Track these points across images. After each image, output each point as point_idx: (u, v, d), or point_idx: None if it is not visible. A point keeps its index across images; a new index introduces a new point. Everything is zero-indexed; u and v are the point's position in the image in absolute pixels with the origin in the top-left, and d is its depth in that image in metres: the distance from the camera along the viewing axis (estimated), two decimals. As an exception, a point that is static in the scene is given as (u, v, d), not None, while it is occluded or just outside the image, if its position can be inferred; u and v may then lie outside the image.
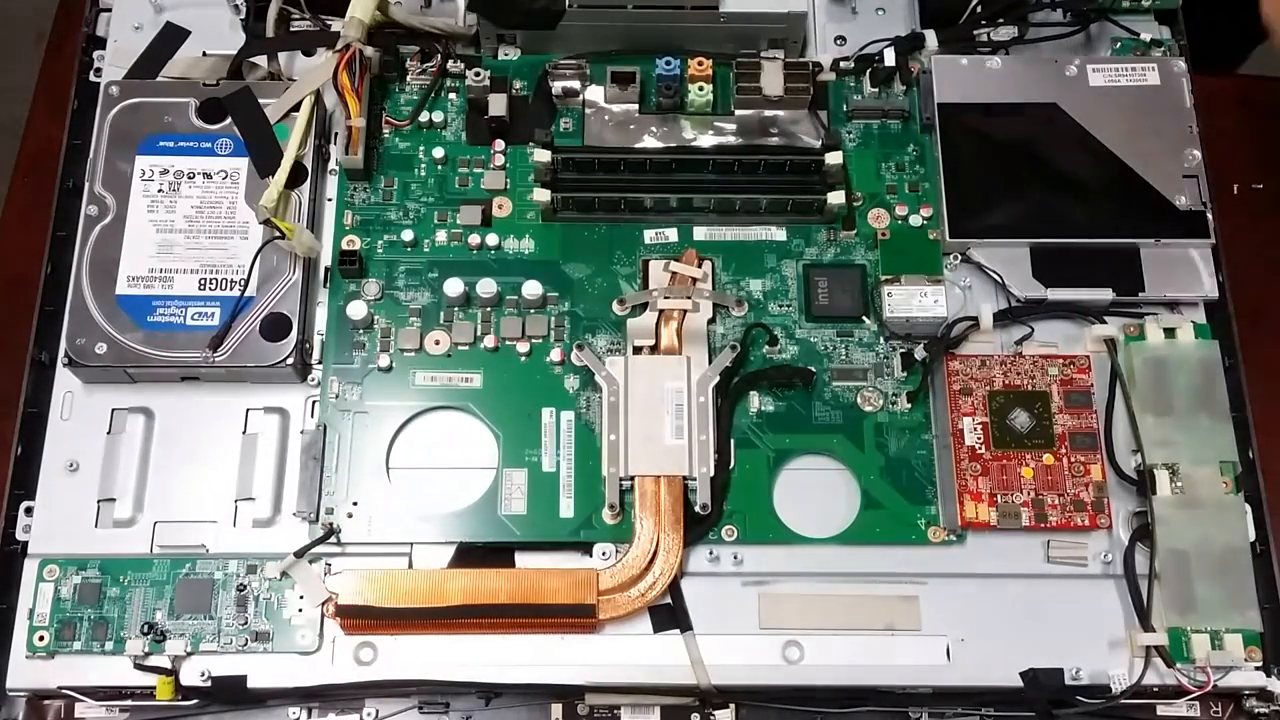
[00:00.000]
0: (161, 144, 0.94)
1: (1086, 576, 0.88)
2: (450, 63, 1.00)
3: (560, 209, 0.95)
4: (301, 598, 0.86)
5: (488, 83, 0.98)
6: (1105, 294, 0.93)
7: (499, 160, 0.98)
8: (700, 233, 0.96)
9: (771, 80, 0.98)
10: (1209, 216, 0.94)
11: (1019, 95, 0.98)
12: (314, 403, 0.91)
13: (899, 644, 0.86)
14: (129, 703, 0.86)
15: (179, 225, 0.92)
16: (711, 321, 0.93)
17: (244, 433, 0.90)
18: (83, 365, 0.89)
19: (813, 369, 0.92)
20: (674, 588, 0.86)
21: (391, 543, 0.87)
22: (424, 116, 0.99)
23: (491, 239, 0.95)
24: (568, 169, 0.95)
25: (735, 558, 0.87)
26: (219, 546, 0.87)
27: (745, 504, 0.88)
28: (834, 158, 0.94)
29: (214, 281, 0.91)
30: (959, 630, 0.86)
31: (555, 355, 0.92)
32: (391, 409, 0.90)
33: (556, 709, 0.85)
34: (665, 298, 0.92)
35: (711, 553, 0.87)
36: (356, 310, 0.91)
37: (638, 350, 0.91)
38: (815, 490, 0.90)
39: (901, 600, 0.87)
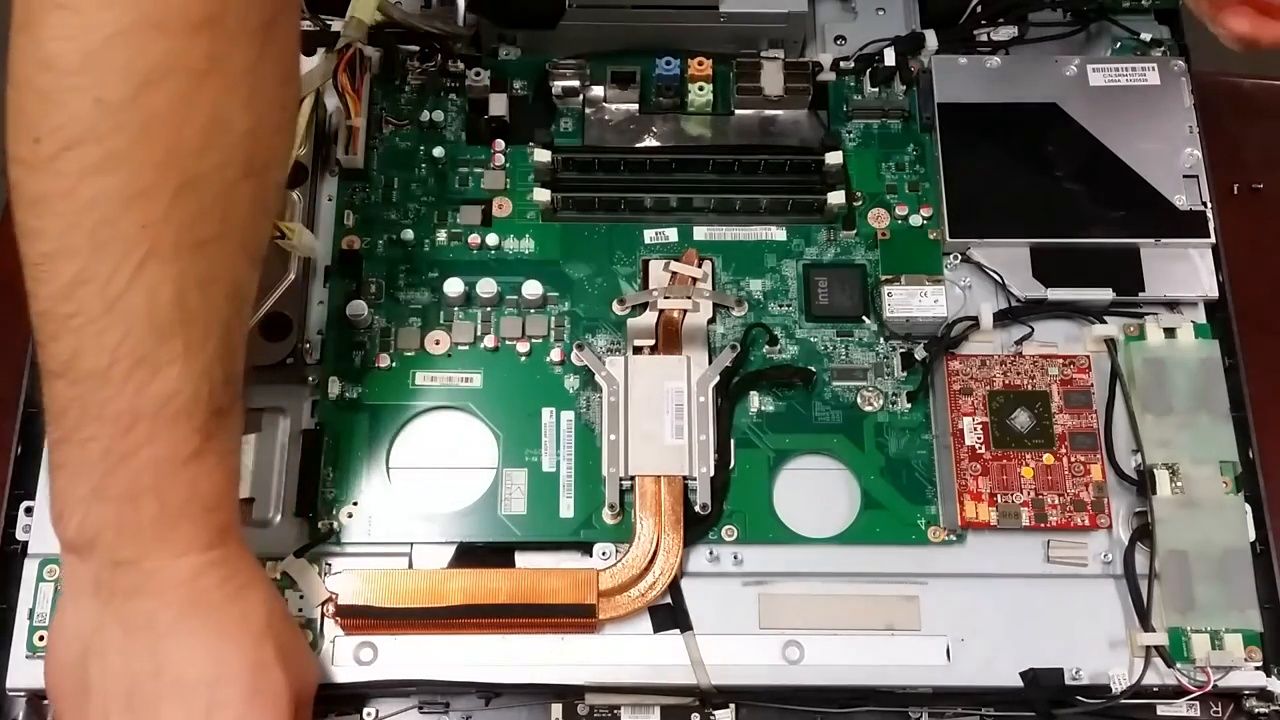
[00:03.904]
0: (161, 144, 0.94)
1: (1086, 576, 0.87)
2: (450, 63, 1.00)
3: (560, 209, 0.95)
4: (301, 597, 0.86)
5: (488, 83, 0.98)
6: (1105, 294, 0.93)
7: (499, 160, 0.98)
8: (700, 232, 0.96)
9: (771, 80, 0.98)
10: (1209, 216, 0.94)
11: (1019, 95, 0.98)
12: (314, 403, 0.91)
13: (899, 644, 0.86)
14: (129, 703, 0.86)
15: (179, 225, 0.92)
16: (711, 321, 0.93)
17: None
18: (83, 365, 0.88)
19: (813, 369, 0.92)
20: (674, 588, 0.86)
21: (391, 543, 0.87)
22: (424, 116, 0.99)
23: (491, 239, 0.95)
24: (568, 169, 0.95)
25: (735, 558, 0.87)
26: (219, 546, 0.87)
27: (745, 504, 0.88)
28: (834, 158, 0.94)
29: (214, 281, 0.90)
30: (959, 630, 0.86)
31: (555, 355, 0.92)
32: (391, 409, 0.90)
33: (556, 709, 0.85)
34: (665, 298, 0.92)
35: (711, 553, 0.87)
36: (356, 310, 0.91)
37: (638, 350, 0.91)
38: (815, 490, 0.90)
39: (901, 600, 0.87)
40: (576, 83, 1.00)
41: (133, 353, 0.63)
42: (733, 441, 0.90)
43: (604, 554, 0.87)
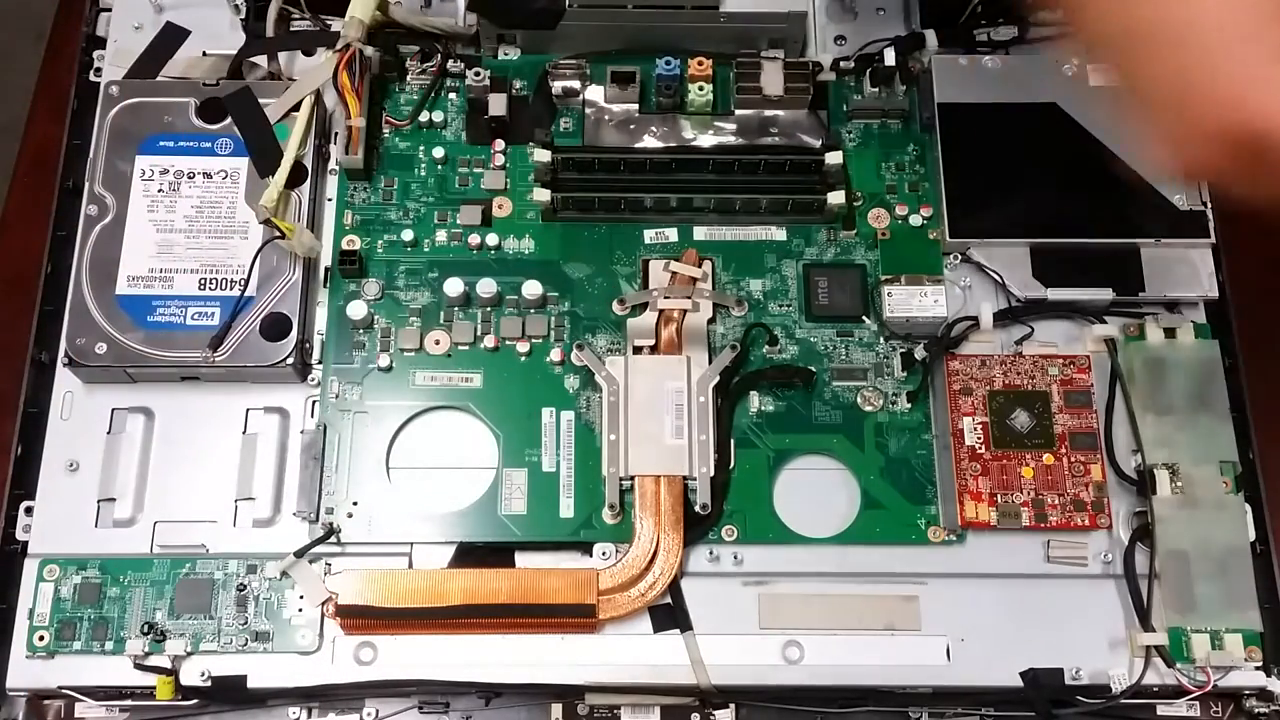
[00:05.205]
0: (161, 144, 0.94)
1: (1086, 576, 0.88)
2: (450, 63, 1.00)
3: (560, 209, 0.95)
4: (301, 598, 0.86)
5: (488, 83, 0.98)
6: (1105, 294, 0.93)
7: (499, 160, 0.98)
8: (700, 232, 0.96)
9: (771, 80, 0.98)
10: (1209, 216, 0.94)
11: (1019, 95, 0.98)
12: (314, 403, 0.91)
13: (899, 644, 0.86)
14: (129, 703, 0.86)
15: (179, 225, 0.92)
16: (711, 321, 0.93)
17: (244, 433, 0.90)
18: (83, 365, 0.89)
19: (813, 369, 0.92)
20: (674, 588, 0.86)
21: (391, 543, 0.87)
22: (424, 116, 0.99)
23: (491, 239, 0.95)
24: (568, 169, 0.95)
25: (735, 558, 0.87)
26: (219, 546, 0.87)
27: (745, 504, 0.88)
28: (834, 158, 0.94)
29: (214, 281, 0.91)
30: (959, 630, 0.86)
31: (555, 355, 0.92)
32: (391, 409, 0.90)
33: (556, 709, 0.85)
34: (665, 298, 0.92)
35: (711, 553, 0.87)
36: (356, 310, 0.91)
37: (638, 350, 0.91)
38: (815, 490, 0.90)
39: (901, 600, 0.87)
40: (576, 83, 1.00)
41: None
42: (733, 441, 0.90)
43: (604, 554, 0.87)
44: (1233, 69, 0.62)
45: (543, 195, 0.94)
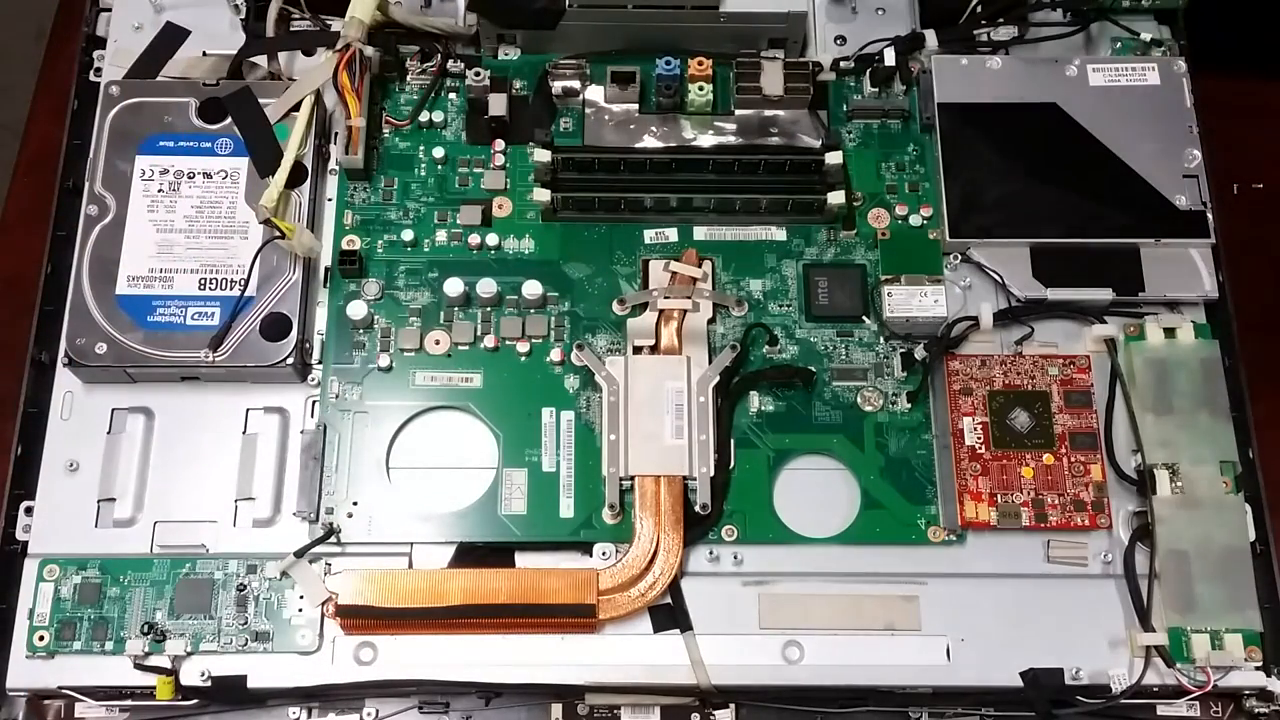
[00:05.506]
0: (162, 144, 0.94)
1: (1086, 576, 0.88)
2: (450, 63, 1.00)
3: (560, 209, 0.95)
4: (301, 598, 0.86)
5: (488, 83, 0.98)
6: (1105, 294, 0.93)
7: (499, 160, 0.98)
8: (700, 232, 0.96)
9: (771, 80, 0.98)
10: (1209, 216, 0.94)
11: (1019, 95, 0.98)
12: (314, 403, 0.91)
13: (899, 644, 0.86)
14: (129, 703, 0.86)
15: (179, 225, 0.92)
16: (711, 321, 0.93)
17: (244, 433, 0.90)
18: (83, 365, 0.89)
19: (813, 369, 0.92)
20: (674, 588, 0.86)
21: (391, 543, 0.87)
22: (424, 116, 0.99)
23: (491, 239, 0.95)
24: (568, 169, 0.95)
25: (735, 558, 0.87)
26: (219, 546, 0.87)
27: (745, 504, 0.88)
28: (834, 158, 0.94)
29: (214, 281, 0.91)
30: (959, 630, 0.86)
31: (555, 355, 0.92)
32: (391, 409, 0.90)
33: (556, 709, 0.85)
34: (665, 298, 0.92)
35: (711, 553, 0.87)
36: (356, 310, 0.91)
37: (638, 350, 0.91)
38: (815, 490, 0.90)
39: (901, 600, 0.87)
40: (576, 83, 1.00)
41: None
42: (733, 441, 0.90)
43: (604, 554, 0.87)
44: None
45: (543, 195, 0.94)
